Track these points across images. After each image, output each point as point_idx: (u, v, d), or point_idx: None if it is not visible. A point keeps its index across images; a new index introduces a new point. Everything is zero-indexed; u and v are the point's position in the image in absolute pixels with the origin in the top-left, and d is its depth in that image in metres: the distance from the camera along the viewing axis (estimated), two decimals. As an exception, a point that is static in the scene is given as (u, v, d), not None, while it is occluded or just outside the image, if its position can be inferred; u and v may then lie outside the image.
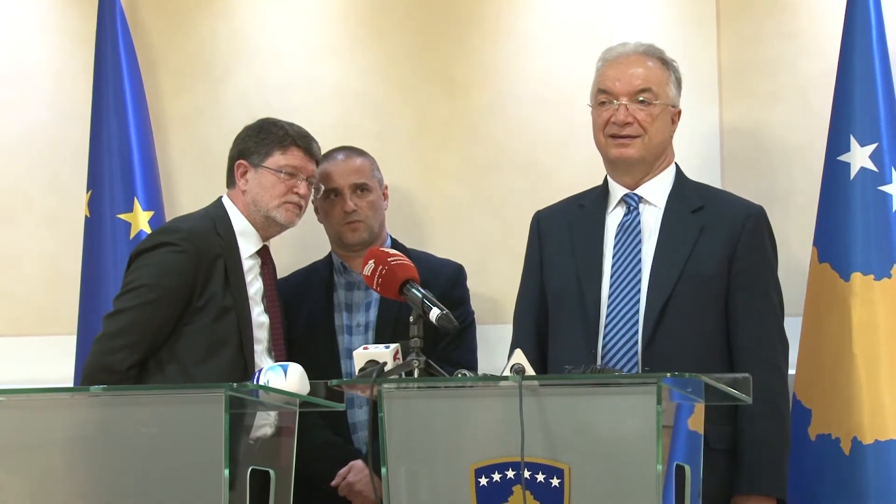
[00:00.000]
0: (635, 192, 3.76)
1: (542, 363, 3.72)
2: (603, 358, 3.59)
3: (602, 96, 3.76)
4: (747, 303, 3.66)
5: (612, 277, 3.68)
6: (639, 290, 3.64)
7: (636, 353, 3.59)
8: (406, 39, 4.68)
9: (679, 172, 3.83)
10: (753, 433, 3.58)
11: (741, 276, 3.67)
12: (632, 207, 3.76)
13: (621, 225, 3.75)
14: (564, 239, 3.79)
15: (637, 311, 3.62)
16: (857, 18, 4.08)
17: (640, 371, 3.55)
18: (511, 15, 4.63)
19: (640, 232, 3.72)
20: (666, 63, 3.80)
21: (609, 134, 3.73)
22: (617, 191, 3.79)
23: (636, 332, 3.61)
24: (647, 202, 3.76)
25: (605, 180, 3.84)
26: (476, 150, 4.63)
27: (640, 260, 3.68)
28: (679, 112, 3.82)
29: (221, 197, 4.06)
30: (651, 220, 3.74)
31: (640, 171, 3.76)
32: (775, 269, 3.76)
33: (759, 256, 3.71)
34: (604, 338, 3.62)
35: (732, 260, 3.67)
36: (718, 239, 3.68)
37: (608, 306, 3.65)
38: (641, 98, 3.72)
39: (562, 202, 3.93)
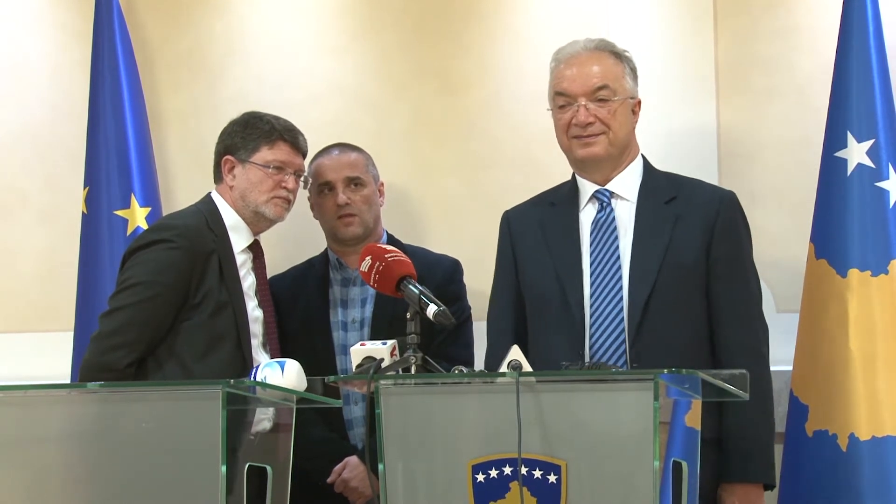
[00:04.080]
0: (606, 187, 3.75)
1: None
2: (592, 357, 3.57)
3: (560, 99, 3.74)
4: (727, 292, 3.65)
5: (591, 276, 3.65)
6: (621, 287, 3.62)
7: (624, 350, 3.57)
8: (402, 36, 4.68)
9: (646, 164, 3.81)
10: (741, 422, 3.57)
11: (719, 265, 3.65)
12: (604, 203, 3.73)
13: (595, 222, 3.72)
14: (538, 239, 3.77)
15: (621, 308, 3.60)
16: (854, 14, 4.08)
17: (628, 368, 3.53)
18: (507, 11, 4.63)
19: (615, 228, 3.70)
20: (619, 56, 3.77)
21: (573, 136, 3.72)
22: (587, 188, 3.76)
23: (622, 329, 3.59)
24: (618, 197, 3.74)
25: (574, 177, 3.82)
26: (472, 147, 4.62)
27: (618, 256, 3.66)
28: (639, 102, 3.79)
29: (210, 192, 4.06)
30: (625, 215, 3.72)
31: (609, 167, 3.74)
32: (751, 254, 3.74)
33: (735, 243, 3.69)
34: (590, 337, 3.60)
35: (710, 247, 3.65)
36: (694, 227, 3.66)
37: (591, 305, 3.62)
38: (600, 96, 3.70)
39: (531, 200, 3.91)
